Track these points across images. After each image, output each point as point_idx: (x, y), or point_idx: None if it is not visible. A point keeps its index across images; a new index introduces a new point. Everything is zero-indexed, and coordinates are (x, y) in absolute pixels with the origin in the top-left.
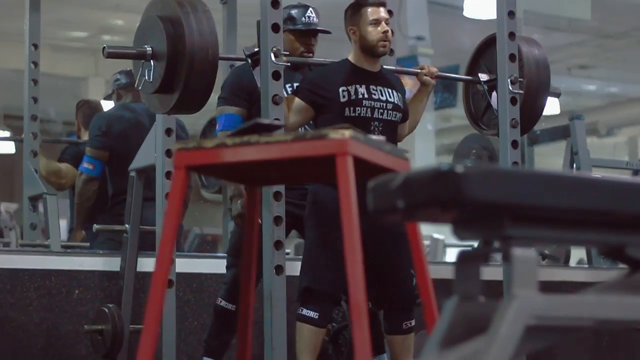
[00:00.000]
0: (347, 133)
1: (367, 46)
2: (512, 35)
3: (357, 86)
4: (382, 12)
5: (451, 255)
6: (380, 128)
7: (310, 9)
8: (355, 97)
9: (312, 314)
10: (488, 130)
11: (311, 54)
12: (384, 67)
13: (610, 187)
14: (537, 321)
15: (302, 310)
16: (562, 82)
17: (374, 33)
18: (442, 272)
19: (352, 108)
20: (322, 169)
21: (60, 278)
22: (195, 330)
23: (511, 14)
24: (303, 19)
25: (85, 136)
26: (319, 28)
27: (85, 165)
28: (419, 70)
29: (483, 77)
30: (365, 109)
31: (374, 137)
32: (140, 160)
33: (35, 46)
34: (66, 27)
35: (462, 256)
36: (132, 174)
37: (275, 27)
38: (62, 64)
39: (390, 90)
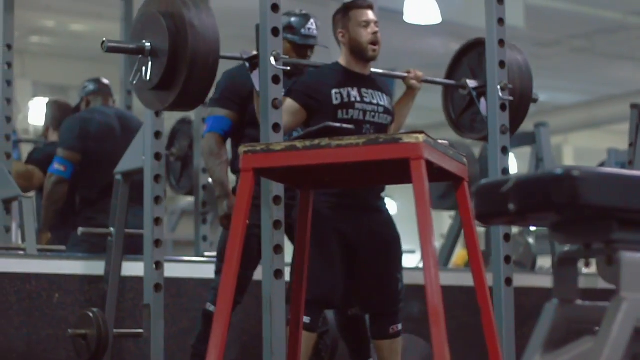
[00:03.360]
0: (421, 137)
1: (357, 48)
2: (501, 42)
3: (350, 89)
4: (371, 15)
5: None
6: (372, 131)
7: (312, 20)
8: (347, 99)
9: (305, 319)
10: (465, 133)
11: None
12: (373, 70)
13: None
14: None
15: None
16: None
17: (364, 34)
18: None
19: (345, 110)
20: (382, 173)
21: (40, 282)
22: (174, 335)
23: (501, 21)
24: (303, 30)
25: (53, 137)
26: (316, 43)
27: (57, 166)
28: (406, 74)
29: (471, 83)
30: (357, 111)
31: (441, 141)
32: (126, 163)
33: (9, 47)
34: None
35: (561, 259)
36: (118, 177)
37: (275, 31)
38: None
39: (380, 94)
